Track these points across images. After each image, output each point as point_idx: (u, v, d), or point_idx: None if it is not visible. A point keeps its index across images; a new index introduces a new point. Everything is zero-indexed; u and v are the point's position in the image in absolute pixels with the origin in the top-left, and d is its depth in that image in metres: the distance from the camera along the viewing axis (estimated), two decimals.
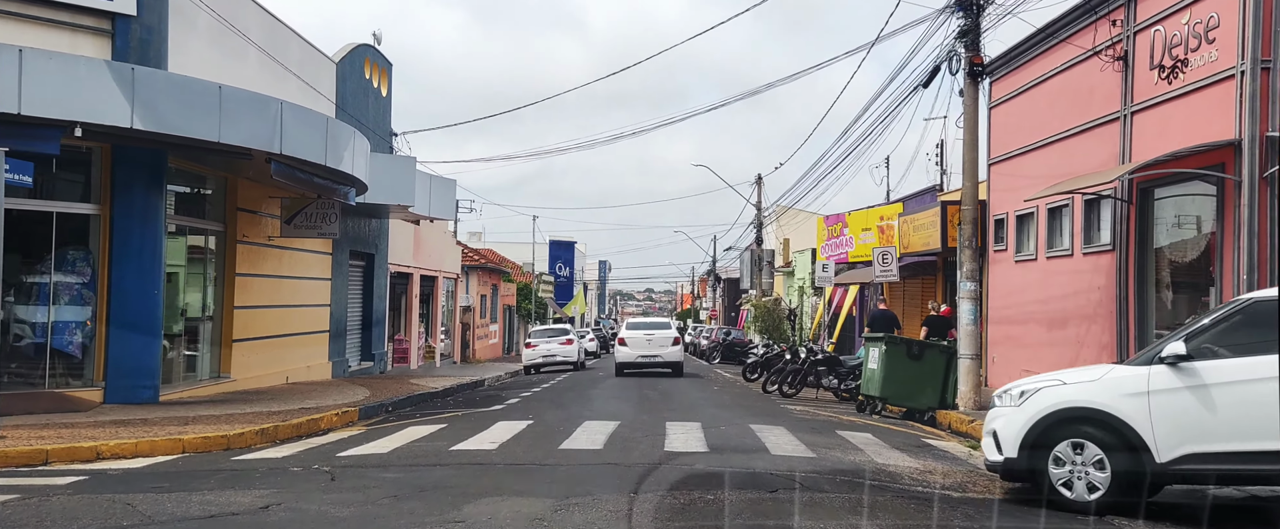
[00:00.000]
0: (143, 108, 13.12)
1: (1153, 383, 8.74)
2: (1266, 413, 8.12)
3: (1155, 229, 15.94)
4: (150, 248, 15.18)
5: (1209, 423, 8.49)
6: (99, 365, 14.90)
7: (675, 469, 9.92)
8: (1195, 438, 8.50)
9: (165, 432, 11.94)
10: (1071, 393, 9.09)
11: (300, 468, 9.87)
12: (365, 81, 26.35)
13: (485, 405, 18.45)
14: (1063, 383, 9.30)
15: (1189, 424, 8.55)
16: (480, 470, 9.77)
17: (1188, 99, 14.63)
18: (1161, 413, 8.62)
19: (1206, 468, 8.49)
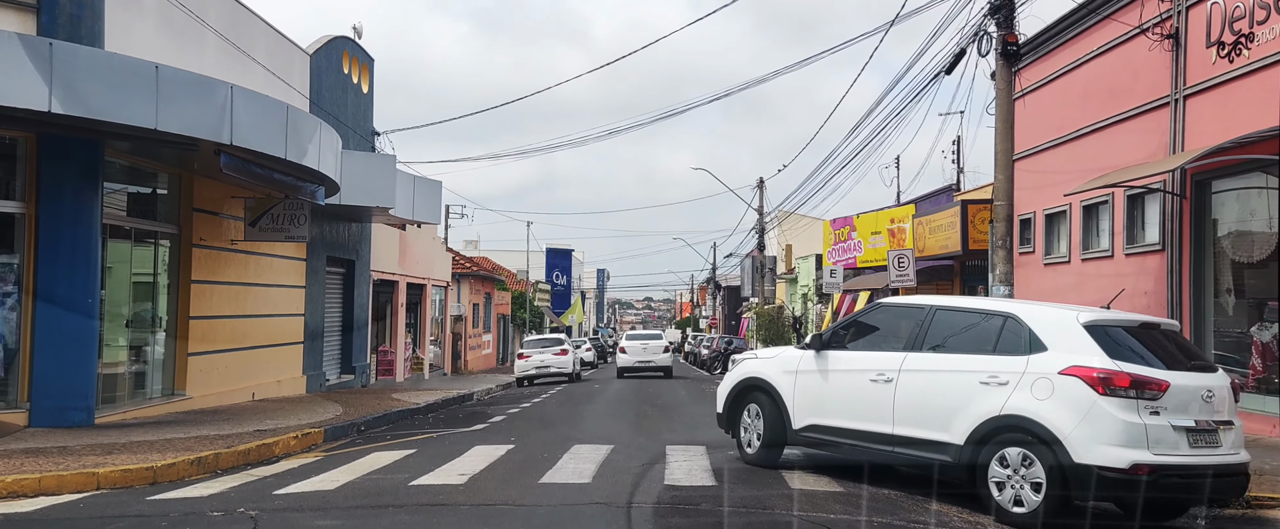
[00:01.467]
0: (63, 89, 11.45)
1: (801, 364, 10.46)
2: (858, 397, 9.71)
3: (1213, 225, 14.26)
4: (83, 252, 13.47)
5: (825, 401, 10.14)
6: (23, 385, 13.18)
7: (678, 514, 8.21)
8: (816, 412, 10.19)
9: (81, 463, 10.23)
10: (755, 366, 11.12)
11: (221, 512, 8.16)
12: (344, 76, 24.69)
13: (466, 424, 16.74)
14: (757, 357, 11.44)
15: (813, 400, 10.25)
16: (438, 515, 8.06)
17: (1253, 78, 12.97)
18: (799, 389, 10.41)
19: (820, 438, 10.18)
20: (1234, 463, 8.45)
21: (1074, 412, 8.13)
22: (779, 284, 52.70)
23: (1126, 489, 8.00)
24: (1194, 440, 8.22)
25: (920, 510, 8.55)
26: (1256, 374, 13.31)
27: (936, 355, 9.33)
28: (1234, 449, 8.59)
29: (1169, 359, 8.64)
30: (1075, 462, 7.99)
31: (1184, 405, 8.25)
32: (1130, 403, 8.06)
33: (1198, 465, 8.17)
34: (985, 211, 22.03)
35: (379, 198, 21.67)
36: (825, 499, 8.92)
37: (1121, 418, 8.01)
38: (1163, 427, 8.06)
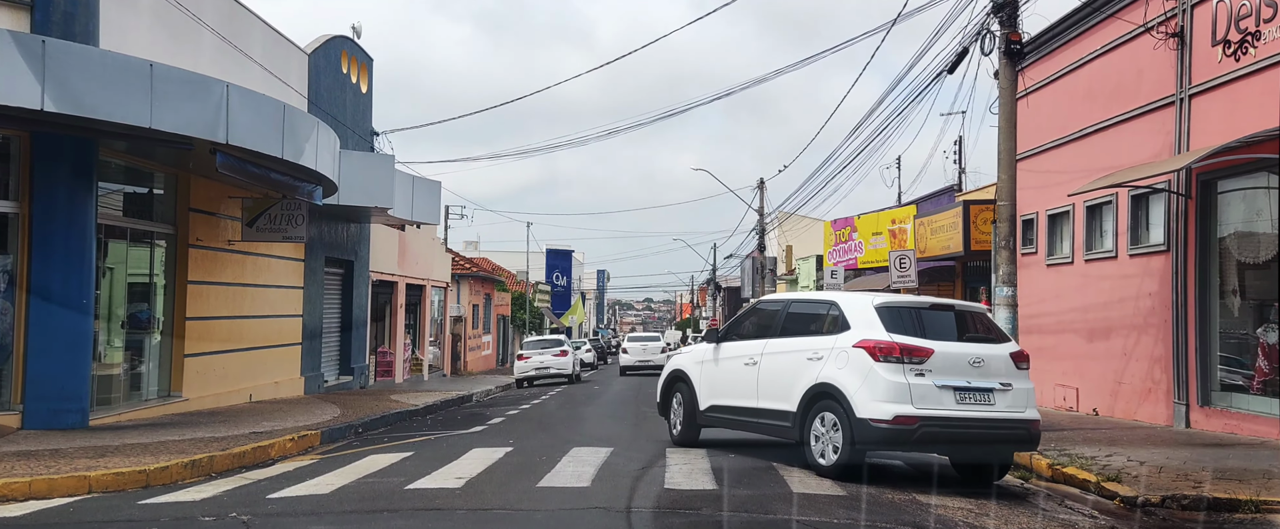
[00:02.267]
0: (56, 87, 11.31)
1: (705, 356, 12.44)
2: (737, 379, 11.64)
3: (1219, 226, 14.11)
4: (77, 252, 13.33)
5: (718, 385, 12.04)
6: (16, 386, 13.05)
7: (678, 517, 8.07)
8: (713, 395, 12.12)
9: (73, 467, 10.08)
10: (678, 360, 13.21)
11: (213, 516, 8.01)
12: (342, 76, 24.54)
13: (465, 426, 16.60)
14: (681, 352, 13.64)
15: (712, 384, 12.15)
16: (434, 520, 7.92)
17: (1260, 77, 12.83)
18: (703, 376, 12.34)
19: (718, 416, 12.10)
20: (1008, 418, 9.92)
21: (858, 375, 9.88)
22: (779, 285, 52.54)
23: (896, 438, 9.66)
24: (960, 398, 9.82)
25: (921, 512, 8.41)
26: (1262, 376, 13.17)
27: (784, 339, 11.14)
28: (1012, 408, 10.04)
29: (945, 333, 10.24)
30: (857, 417, 9.72)
31: (950, 369, 9.84)
32: (898, 367, 9.75)
33: (962, 418, 9.77)
34: (987, 212, 21.89)
35: (378, 198, 21.52)
36: (826, 502, 8.78)
37: (890, 379, 9.71)
38: (927, 386, 9.72)
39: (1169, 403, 14.71)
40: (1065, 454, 11.33)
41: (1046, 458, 10.99)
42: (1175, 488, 9.20)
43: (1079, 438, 13.16)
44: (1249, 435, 12.91)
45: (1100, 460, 10.88)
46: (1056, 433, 13.71)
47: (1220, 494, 8.88)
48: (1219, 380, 14.05)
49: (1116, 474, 9.92)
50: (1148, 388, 15.34)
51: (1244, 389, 13.59)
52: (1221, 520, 8.58)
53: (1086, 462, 10.78)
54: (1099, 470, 10.14)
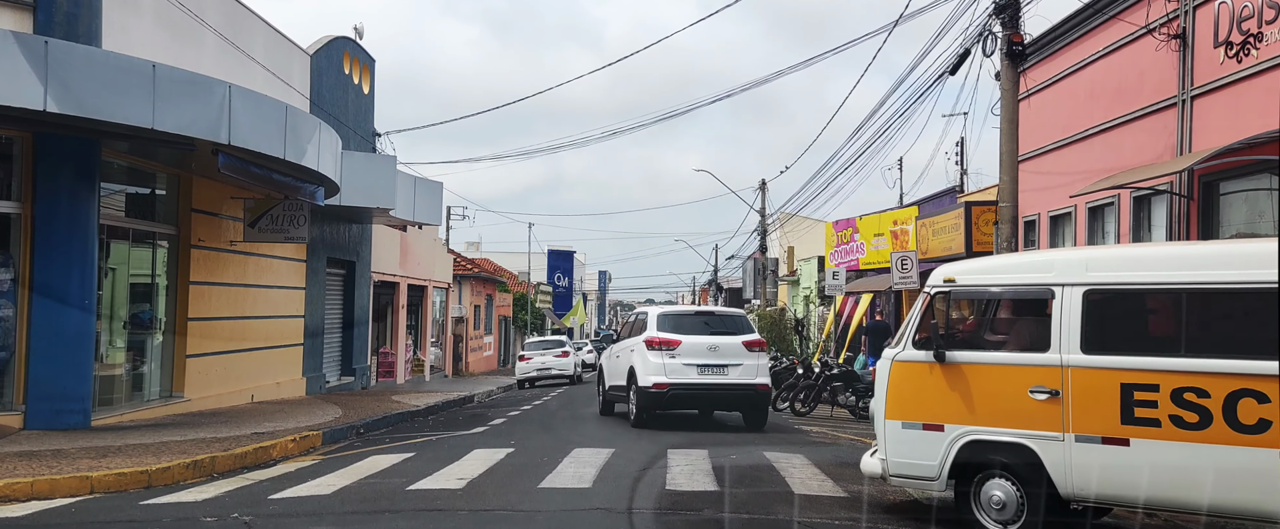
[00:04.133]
0: (59, 88, 11.31)
1: (608, 353, 18.47)
2: (616, 368, 17.31)
3: (1222, 228, 14.10)
4: (80, 252, 13.34)
5: (608, 372, 18.06)
6: (19, 387, 13.05)
7: (680, 519, 8.08)
8: (610, 378, 17.79)
9: (75, 467, 10.09)
10: (599, 357, 19.57)
11: (214, 517, 8.02)
12: (344, 77, 24.56)
13: (466, 427, 16.61)
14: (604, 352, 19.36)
15: (609, 373, 17.92)
16: (435, 521, 7.92)
17: (1262, 78, 12.81)
18: (605, 366, 18.54)
19: (612, 394, 17.77)
20: (738, 384, 15.60)
21: (641, 360, 15.88)
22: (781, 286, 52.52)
23: (658, 398, 15.66)
24: (701, 371, 15.66)
25: (922, 514, 8.41)
26: None
27: (628, 339, 16.87)
28: (742, 378, 15.81)
29: (696, 330, 16.01)
30: (639, 385, 15.79)
31: (694, 353, 15.65)
32: (660, 352, 15.67)
33: (701, 383, 15.70)
34: (989, 213, 21.87)
35: (379, 199, 21.53)
36: (827, 503, 8.79)
37: (655, 360, 15.69)
38: (677, 364, 15.57)
39: None
40: None
41: None
42: None
43: None
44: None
45: None
46: None
47: None
48: None
49: None
50: None
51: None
52: (1223, 522, 8.56)
53: None
54: None
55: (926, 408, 8.11)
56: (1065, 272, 7.70)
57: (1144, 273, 7.51)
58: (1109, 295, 7.48)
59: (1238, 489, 6.84)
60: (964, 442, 7.89)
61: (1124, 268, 7.65)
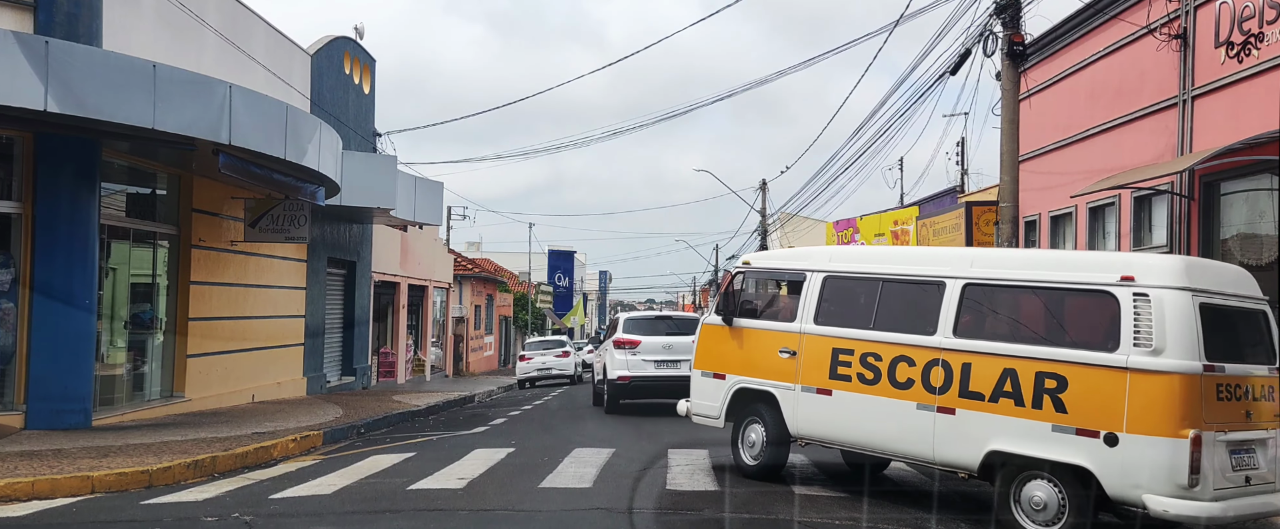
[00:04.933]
0: (59, 88, 11.32)
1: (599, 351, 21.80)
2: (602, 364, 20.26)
3: (1222, 228, 14.10)
4: (81, 252, 13.34)
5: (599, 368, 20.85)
6: (20, 386, 13.06)
7: (680, 519, 8.08)
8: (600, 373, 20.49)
9: (76, 467, 10.10)
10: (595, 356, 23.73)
11: (215, 517, 8.03)
12: (345, 77, 24.56)
13: (467, 426, 16.62)
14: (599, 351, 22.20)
15: (600, 367, 20.63)
16: (436, 521, 7.93)
17: (1263, 79, 12.80)
18: (595, 364, 22.50)
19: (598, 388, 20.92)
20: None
21: (611, 357, 18.81)
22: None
23: (622, 388, 18.50)
24: (658, 366, 18.25)
25: (923, 515, 8.41)
26: None
27: (609, 340, 19.48)
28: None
29: (656, 332, 18.70)
30: (608, 378, 18.84)
31: (652, 351, 18.28)
32: (624, 351, 18.40)
33: (658, 376, 18.23)
34: (990, 213, 21.86)
35: (380, 199, 21.53)
36: (828, 504, 8.79)
37: (620, 357, 18.45)
38: (638, 360, 18.24)
39: None
40: None
41: None
42: None
43: None
44: None
45: None
46: None
47: None
48: None
49: None
50: None
51: None
52: None
53: None
54: None
55: (717, 361, 10.49)
56: (815, 262, 9.93)
57: (859, 266, 9.78)
58: (836, 281, 9.61)
59: (889, 432, 8.77)
60: (736, 388, 10.17)
61: (850, 261, 10.01)
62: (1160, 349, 7.38)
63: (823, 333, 9.40)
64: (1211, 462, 7.27)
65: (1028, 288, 8.36)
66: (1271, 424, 7.88)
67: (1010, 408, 7.93)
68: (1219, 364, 7.52)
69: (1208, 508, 7.21)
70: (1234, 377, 7.63)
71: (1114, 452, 7.38)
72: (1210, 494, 7.25)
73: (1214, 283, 7.92)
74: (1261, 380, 7.87)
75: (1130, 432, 7.35)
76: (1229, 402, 7.57)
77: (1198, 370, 7.33)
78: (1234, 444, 7.50)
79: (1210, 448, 7.27)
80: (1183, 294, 7.50)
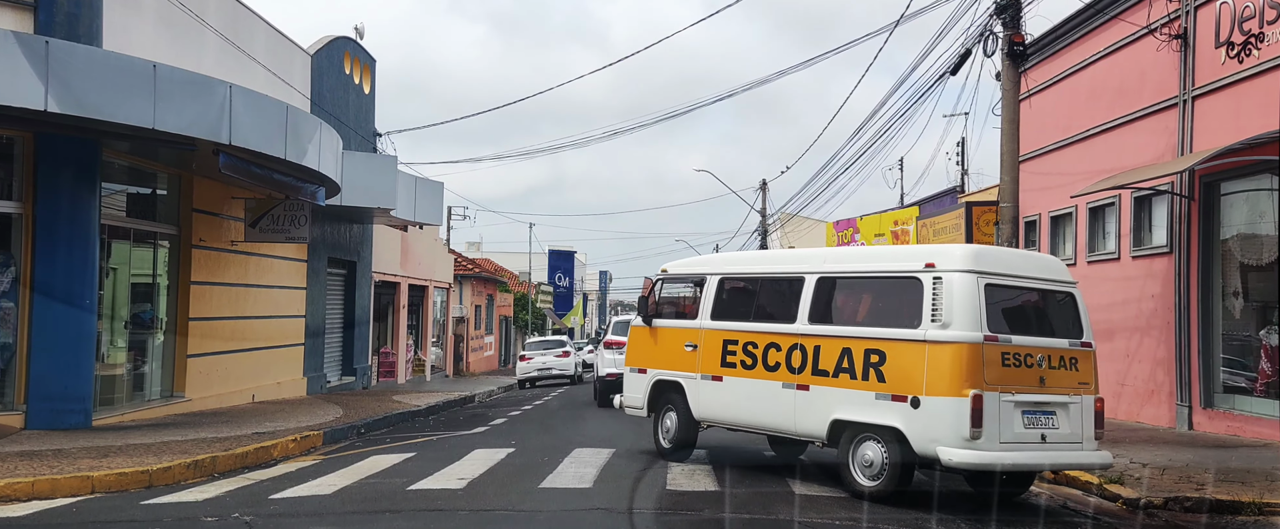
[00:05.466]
0: (60, 88, 11.32)
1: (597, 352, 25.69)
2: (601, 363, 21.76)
3: (1222, 228, 14.10)
4: (81, 252, 13.34)
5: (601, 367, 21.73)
6: (20, 386, 13.06)
7: (682, 520, 8.08)
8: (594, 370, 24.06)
9: (76, 467, 10.10)
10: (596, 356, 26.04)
11: (215, 517, 8.03)
12: (345, 77, 24.56)
13: (467, 427, 16.62)
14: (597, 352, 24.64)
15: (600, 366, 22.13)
16: (436, 521, 7.93)
17: (1263, 79, 12.82)
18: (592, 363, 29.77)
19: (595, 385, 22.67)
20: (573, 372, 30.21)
21: (600, 357, 20.66)
22: None
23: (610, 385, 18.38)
24: None
25: (923, 515, 8.41)
26: (1265, 378, 13.15)
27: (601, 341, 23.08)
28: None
29: None
30: (598, 375, 20.88)
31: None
32: (613, 351, 19.86)
33: None
34: (990, 213, 21.86)
35: (380, 199, 21.53)
36: (827, 503, 8.79)
37: (609, 356, 20.11)
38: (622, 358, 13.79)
39: (1171, 405, 14.70)
40: None
41: None
42: (1178, 490, 9.19)
43: None
44: (1252, 437, 12.90)
45: None
46: None
47: (1223, 496, 8.88)
48: (1222, 382, 14.04)
49: (1119, 476, 9.91)
50: (1150, 390, 15.33)
51: (1247, 391, 13.58)
52: (1224, 523, 8.57)
53: None
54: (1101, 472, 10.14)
55: (641, 358, 11.84)
56: (714, 266, 11.43)
57: (746, 268, 11.39)
58: (729, 281, 10.99)
59: (764, 410, 10.13)
60: (655, 380, 11.50)
61: (739, 265, 11.73)
62: (948, 323, 8.62)
63: (716, 327, 10.78)
64: (996, 418, 8.48)
65: (862, 278, 9.85)
66: (1075, 390, 9.00)
67: (847, 381, 9.28)
68: (1005, 335, 8.70)
69: (991, 456, 8.44)
70: (1021, 347, 8.77)
71: (917, 413, 8.66)
72: (995, 446, 8.46)
73: (1005, 268, 9.12)
74: (1060, 351, 8.99)
75: (928, 395, 8.62)
76: (1018, 368, 8.73)
77: (979, 340, 8.54)
78: (1027, 405, 8.71)
79: (995, 406, 8.48)
80: (969, 276, 8.70)
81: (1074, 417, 8.97)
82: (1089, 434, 9.08)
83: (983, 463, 8.47)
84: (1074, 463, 9.23)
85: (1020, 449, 8.62)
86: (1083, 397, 9.06)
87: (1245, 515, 8.63)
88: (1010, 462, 8.61)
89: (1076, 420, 8.98)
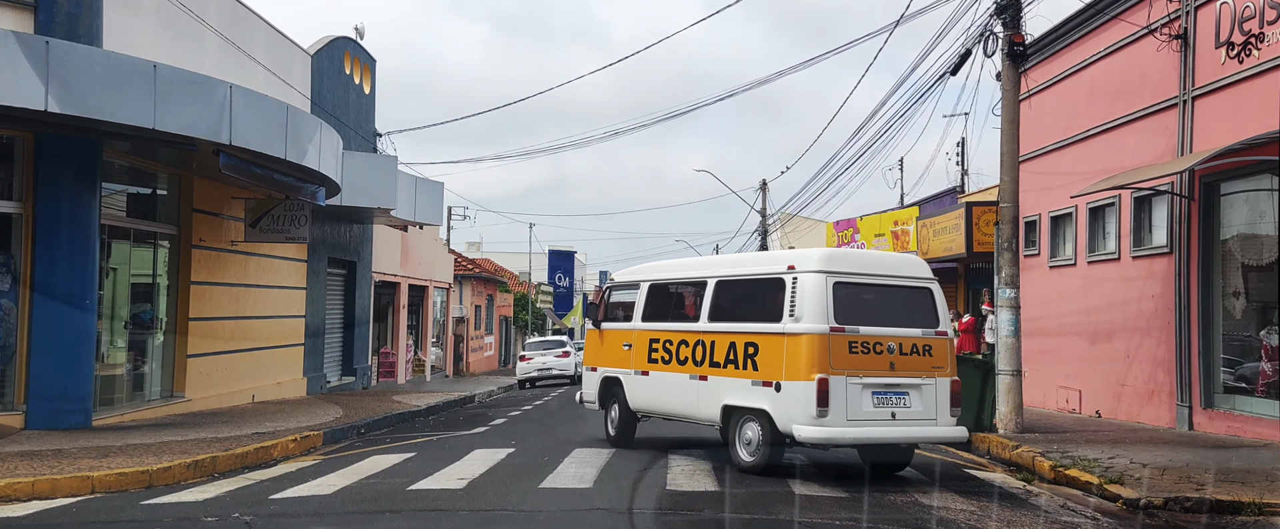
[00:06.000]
0: (60, 88, 11.33)
1: None
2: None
3: (1222, 228, 14.10)
4: (81, 253, 13.35)
5: None
6: (20, 387, 13.06)
7: (681, 519, 8.08)
8: None
9: (76, 467, 10.10)
10: None
11: (215, 517, 8.03)
12: (345, 77, 24.56)
13: (467, 427, 16.62)
14: None
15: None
16: (436, 521, 7.93)
17: (1263, 79, 12.82)
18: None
19: None
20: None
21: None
22: None
23: None
24: None
25: (923, 514, 8.41)
26: (1265, 378, 13.15)
27: None
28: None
29: None
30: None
31: None
32: None
33: None
34: (990, 213, 21.85)
35: (380, 199, 21.53)
36: (828, 503, 8.79)
37: None
38: None
39: (1172, 405, 14.70)
40: (1068, 456, 11.32)
41: (1048, 460, 11.00)
42: (1178, 490, 9.19)
43: (1081, 440, 13.15)
44: (1252, 438, 12.90)
45: (1103, 462, 10.87)
46: (1059, 435, 13.71)
47: (1223, 497, 8.87)
48: (1222, 383, 14.04)
49: (1119, 476, 9.92)
50: (1151, 390, 15.33)
51: (1247, 391, 13.57)
52: (1224, 523, 8.57)
53: (1089, 463, 10.77)
54: (1101, 472, 10.15)
55: (594, 358, 13.38)
56: (647, 274, 12.81)
57: (670, 275, 12.67)
58: (656, 287, 12.47)
59: (676, 399, 11.65)
60: (603, 377, 13.01)
61: (666, 272, 12.78)
62: (801, 317, 9.98)
63: (645, 328, 12.35)
64: (843, 399, 9.74)
65: (746, 280, 11.19)
66: (929, 373, 10.19)
67: (733, 371, 10.68)
68: (852, 326, 9.95)
69: (837, 432, 9.75)
70: (870, 336, 10.02)
71: (779, 395, 10.00)
72: (842, 422, 9.74)
73: (858, 267, 10.47)
74: (913, 340, 10.20)
75: (786, 380, 9.96)
76: (867, 355, 9.96)
77: (825, 331, 9.85)
78: (877, 387, 9.97)
79: (841, 389, 9.73)
80: (819, 276, 10.07)
81: (928, 397, 10.14)
82: (945, 412, 10.25)
83: (828, 438, 9.80)
84: (926, 437, 10.40)
85: (868, 426, 9.86)
86: (937, 379, 10.21)
87: (1245, 516, 8.63)
88: (855, 437, 9.88)
89: (930, 400, 10.15)
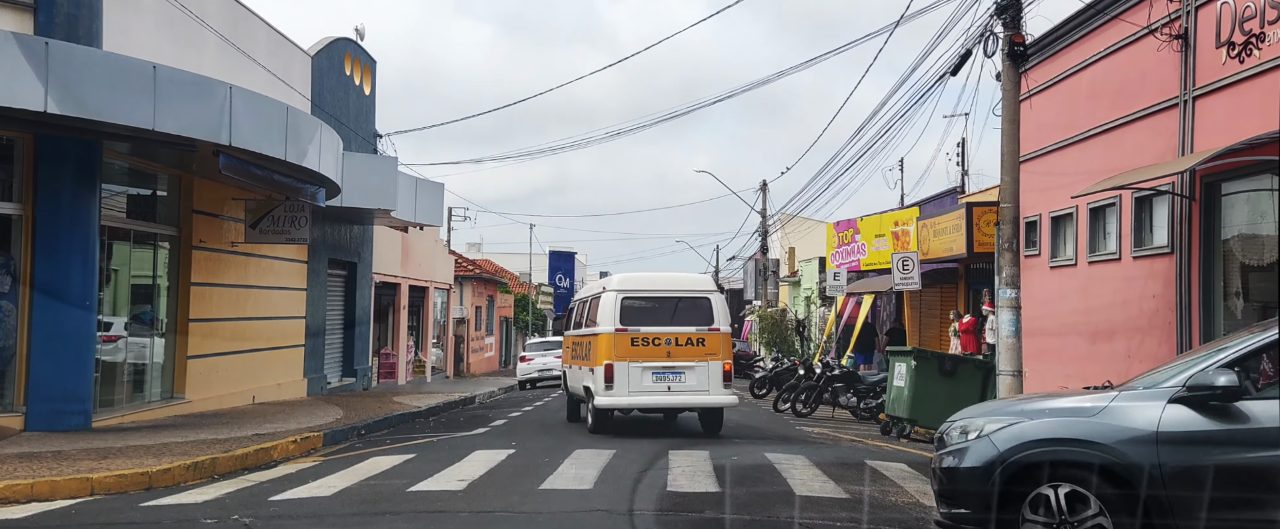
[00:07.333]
0: (59, 89, 11.31)
1: None
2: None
3: (1223, 228, 14.07)
4: (81, 254, 13.33)
5: None
6: (19, 388, 13.04)
7: (682, 521, 8.06)
8: None
9: (75, 468, 10.09)
10: None
11: (215, 519, 8.02)
12: (345, 78, 24.55)
13: (468, 428, 16.61)
14: None
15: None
16: (436, 523, 7.91)
17: (1264, 79, 12.76)
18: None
19: None
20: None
21: None
22: (782, 287, 52.49)
23: None
24: None
25: (923, 514, 8.40)
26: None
27: None
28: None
29: None
30: None
31: None
32: None
33: None
34: (990, 214, 21.83)
35: (380, 200, 21.52)
36: (828, 503, 8.78)
37: None
38: None
39: None
40: None
41: None
42: None
43: None
44: None
45: None
46: None
47: None
48: None
49: None
50: None
51: None
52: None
53: None
54: None
55: (568, 356, 17.78)
56: (583, 291, 17.72)
57: (583, 293, 17.46)
58: (576, 303, 16.99)
59: (573, 383, 16.85)
60: (565, 370, 17.86)
61: (580, 293, 17.71)
62: (601, 323, 14.81)
63: (571, 333, 17.58)
64: (626, 377, 14.54)
65: (589, 298, 16.10)
66: (703, 358, 14.64)
67: (583, 360, 15.69)
68: (635, 327, 14.68)
69: (621, 400, 14.74)
70: (649, 333, 14.68)
71: (593, 376, 14.84)
72: (625, 394, 14.62)
73: (646, 286, 15.37)
74: (687, 334, 14.73)
75: (595, 365, 14.78)
76: (647, 347, 14.60)
77: (611, 331, 14.66)
78: (656, 369, 14.65)
79: (624, 371, 14.54)
80: (613, 294, 15.02)
81: (701, 375, 14.64)
82: (718, 385, 14.72)
83: (613, 404, 14.79)
84: (697, 403, 14.90)
85: (646, 395, 14.67)
86: (709, 362, 14.69)
87: None
88: (633, 402, 14.83)
89: (703, 377, 14.64)
